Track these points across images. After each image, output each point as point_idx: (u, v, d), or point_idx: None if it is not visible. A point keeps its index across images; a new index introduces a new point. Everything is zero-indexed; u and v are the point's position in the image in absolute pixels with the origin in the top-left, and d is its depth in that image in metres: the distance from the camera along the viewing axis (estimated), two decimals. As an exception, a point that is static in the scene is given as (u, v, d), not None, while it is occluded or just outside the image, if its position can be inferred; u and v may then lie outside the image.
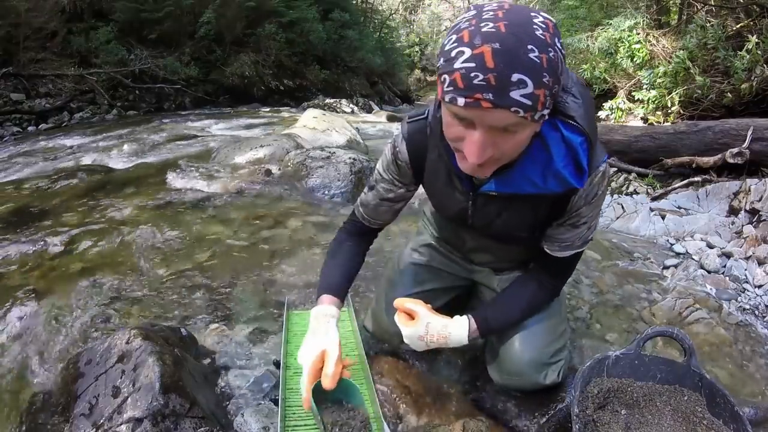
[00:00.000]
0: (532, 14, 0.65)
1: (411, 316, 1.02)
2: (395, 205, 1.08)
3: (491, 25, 0.62)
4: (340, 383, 0.90)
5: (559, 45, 0.65)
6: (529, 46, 0.61)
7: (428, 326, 0.99)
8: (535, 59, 0.61)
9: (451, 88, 0.65)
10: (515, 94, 0.62)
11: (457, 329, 0.99)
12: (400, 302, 1.04)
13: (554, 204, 0.89)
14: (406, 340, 1.02)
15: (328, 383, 0.87)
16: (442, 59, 0.67)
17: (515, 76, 0.61)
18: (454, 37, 0.66)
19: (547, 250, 0.97)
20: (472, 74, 0.62)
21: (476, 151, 0.68)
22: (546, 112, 0.68)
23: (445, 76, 0.66)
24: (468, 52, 0.63)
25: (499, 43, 0.61)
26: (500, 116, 0.64)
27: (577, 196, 0.86)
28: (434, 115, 0.88)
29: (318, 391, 0.88)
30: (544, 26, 0.64)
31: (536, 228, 0.95)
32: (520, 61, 0.61)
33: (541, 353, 1.04)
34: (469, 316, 1.01)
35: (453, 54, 0.65)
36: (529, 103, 0.63)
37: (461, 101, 0.64)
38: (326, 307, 0.99)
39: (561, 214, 0.91)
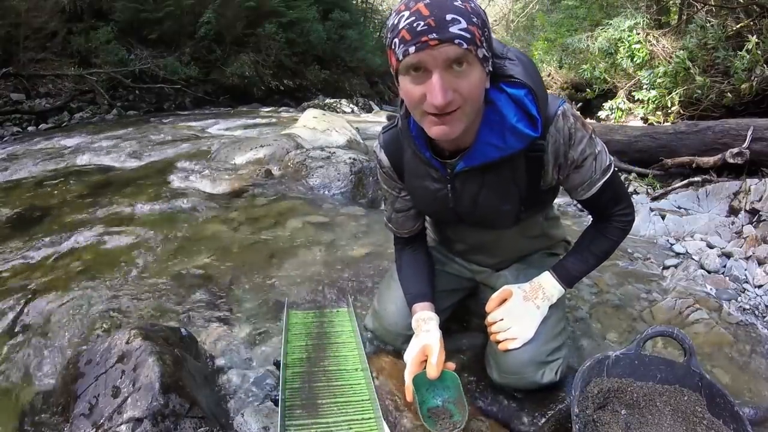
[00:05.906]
0: None
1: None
2: (409, 212, 1.13)
3: None
4: (443, 375, 0.97)
5: (475, 1, 0.79)
6: None
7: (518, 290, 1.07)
8: (460, 5, 0.75)
9: (402, 45, 0.76)
10: (453, 29, 0.73)
11: (547, 281, 1.07)
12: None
13: (529, 167, 0.92)
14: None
15: (433, 372, 0.96)
16: (389, 33, 0.79)
17: (449, 16, 0.73)
18: (393, 14, 0.79)
19: (582, 198, 0.99)
20: (415, 24, 0.74)
21: (439, 92, 0.75)
22: (486, 53, 0.79)
23: (395, 40, 0.77)
24: (407, 13, 0.75)
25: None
26: (448, 50, 0.74)
27: (550, 148, 0.90)
28: (401, 116, 0.97)
29: (419, 383, 0.97)
30: None
31: (521, 199, 0.97)
32: (449, 6, 0.74)
33: (537, 352, 1.04)
34: (549, 270, 1.09)
35: (396, 21, 0.77)
36: (467, 35, 0.74)
37: (412, 49, 0.75)
38: (421, 313, 1.08)
39: (545, 174, 0.94)
